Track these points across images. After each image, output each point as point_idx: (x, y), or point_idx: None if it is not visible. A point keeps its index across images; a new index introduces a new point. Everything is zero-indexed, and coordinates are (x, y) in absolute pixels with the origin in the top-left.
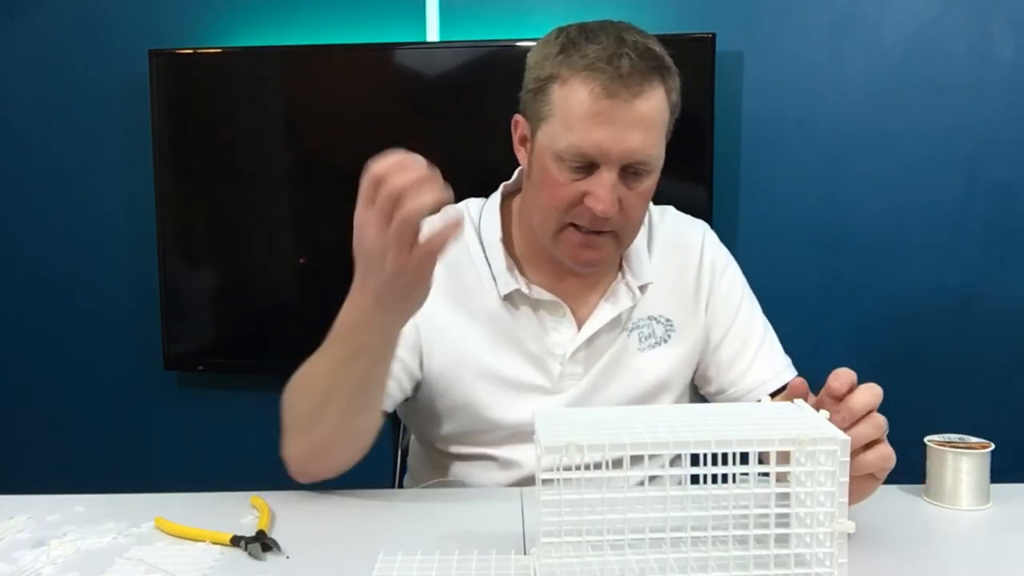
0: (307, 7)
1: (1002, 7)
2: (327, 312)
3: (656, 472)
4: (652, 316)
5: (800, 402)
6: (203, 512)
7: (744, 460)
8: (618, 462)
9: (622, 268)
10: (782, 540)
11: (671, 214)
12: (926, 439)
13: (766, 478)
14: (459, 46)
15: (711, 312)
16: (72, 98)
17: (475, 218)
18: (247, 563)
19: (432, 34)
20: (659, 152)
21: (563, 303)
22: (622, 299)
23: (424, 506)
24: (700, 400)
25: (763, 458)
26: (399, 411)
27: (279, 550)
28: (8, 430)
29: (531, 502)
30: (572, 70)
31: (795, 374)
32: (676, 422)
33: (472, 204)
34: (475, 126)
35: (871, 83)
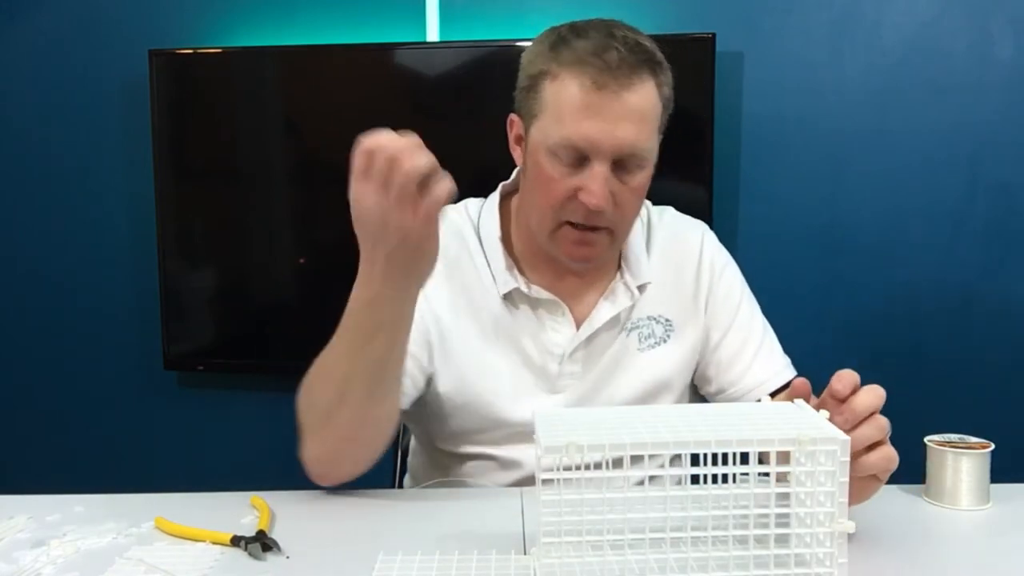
0: (307, 7)
1: (1002, 7)
2: (327, 312)
3: (656, 472)
4: (651, 316)
5: (800, 402)
6: (203, 512)
7: (744, 460)
8: (618, 462)
9: (620, 268)
10: (782, 540)
11: (670, 214)
12: (926, 439)
13: (766, 478)
14: (459, 46)
15: (710, 312)
16: (72, 98)
17: (474, 218)
18: (247, 563)
19: (432, 34)
20: (651, 146)
21: (562, 303)
22: (621, 298)
23: (424, 506)
24: (700, 400)
25: (763, 458)
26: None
27: (279, 550)
28: (8, 430)
29: (531, 502)
30: (562, 65)
31: (794, 374)
32: (676, 422)
33: (471, 204)
34: (475, 126)
35: (871, 83)
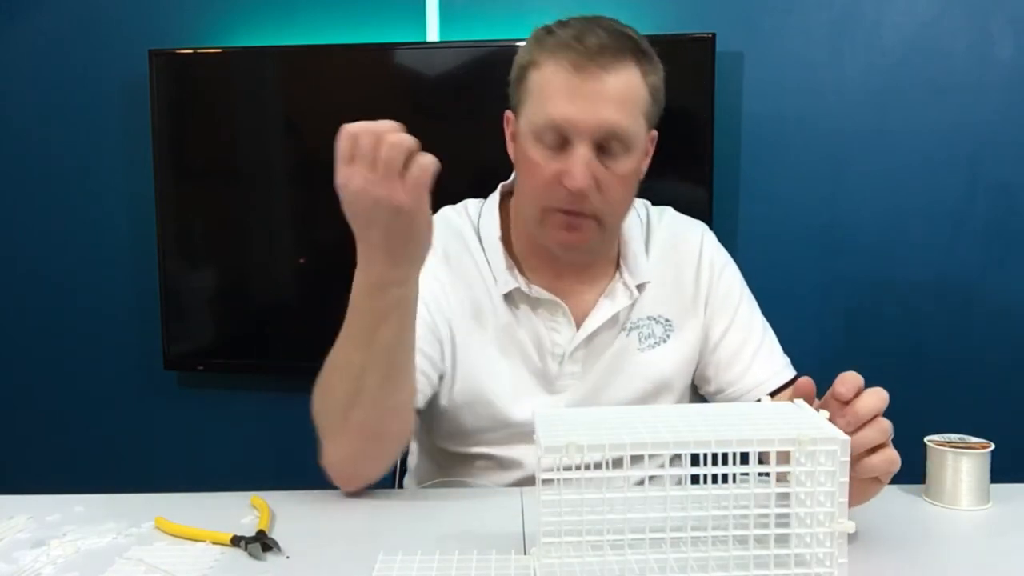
0: (307, 7)
1: (1002, 7)
2: (327, 312)
3: (656, 472)
4: (651, 316)
5: (800, 402)
6: (203, 512)
7: (744, 460)
8: (618, 462)
9: (619, 267)
10: (782, 540)
11: (669, 215)
12: (926, 439)
13: (766, 478)
14: (459, 46)
15: (710, 312)
16: (72, 98)
17: (474, 219)
18: (247, 563)
19: (432, 34)
20: (635, 130)
21: (562, 303)
22: (619, 297)
23: (424, 506)
24: (701, 400)
25: (763, 458)
26: None
27: (279, 550)
28: (8, 430)
29: (531, 502)
30: (544, 53)
31: (794, 373)
32: (676, 422)
33: (470, 205)
34: (475, 126)
35: (871, 83)
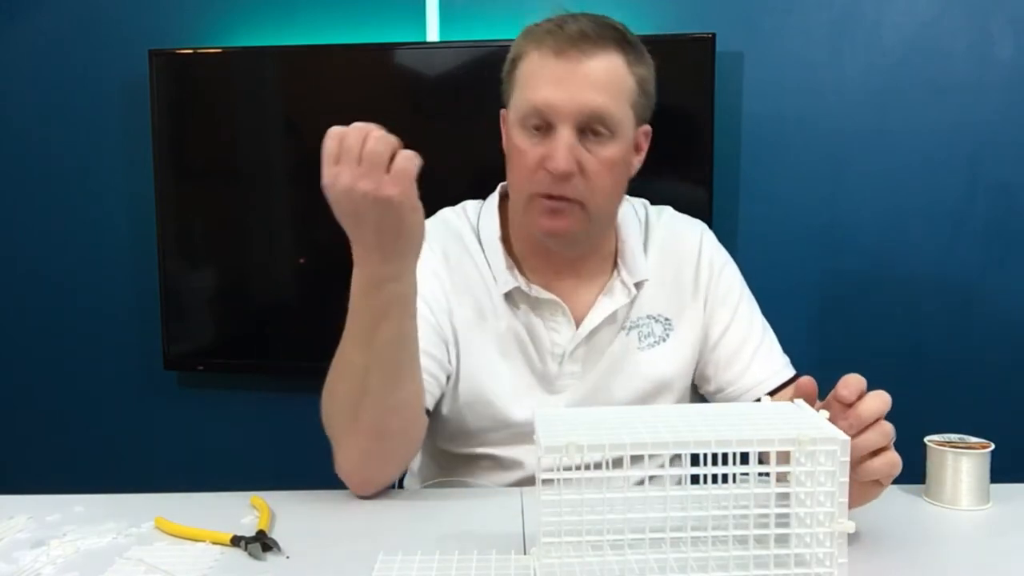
0: (307, 7)
1: (1002, 7)
2: (327, 312)
3: (656, 472)
4: (651, 315)
5: (800, 402)
6: (203, 512)
7: (744, 460)
8: (618, 462)
9: (617, 266)
10: (782, 540)
11: (668, 214)
12: (926, 439)
13: (766, 478)
14: (459, 46)
15: (709, 311)
16: (72, 98)
17: (473, 220)
18: (247, 563)
19: (432, 34)
20: (619, 116)
21: (562, 302)
22: (618, 295)
23: (424, 506)
24: (701, 400)
25: (763, 458)
26: None
27: (279, 550)
28: (8, 430)
29: (531, 502)
30: (530, 43)
31: (793, 372)
32: (676, 422)
33: (469, 206)
34: (475, 126)
35: (871, 83)
